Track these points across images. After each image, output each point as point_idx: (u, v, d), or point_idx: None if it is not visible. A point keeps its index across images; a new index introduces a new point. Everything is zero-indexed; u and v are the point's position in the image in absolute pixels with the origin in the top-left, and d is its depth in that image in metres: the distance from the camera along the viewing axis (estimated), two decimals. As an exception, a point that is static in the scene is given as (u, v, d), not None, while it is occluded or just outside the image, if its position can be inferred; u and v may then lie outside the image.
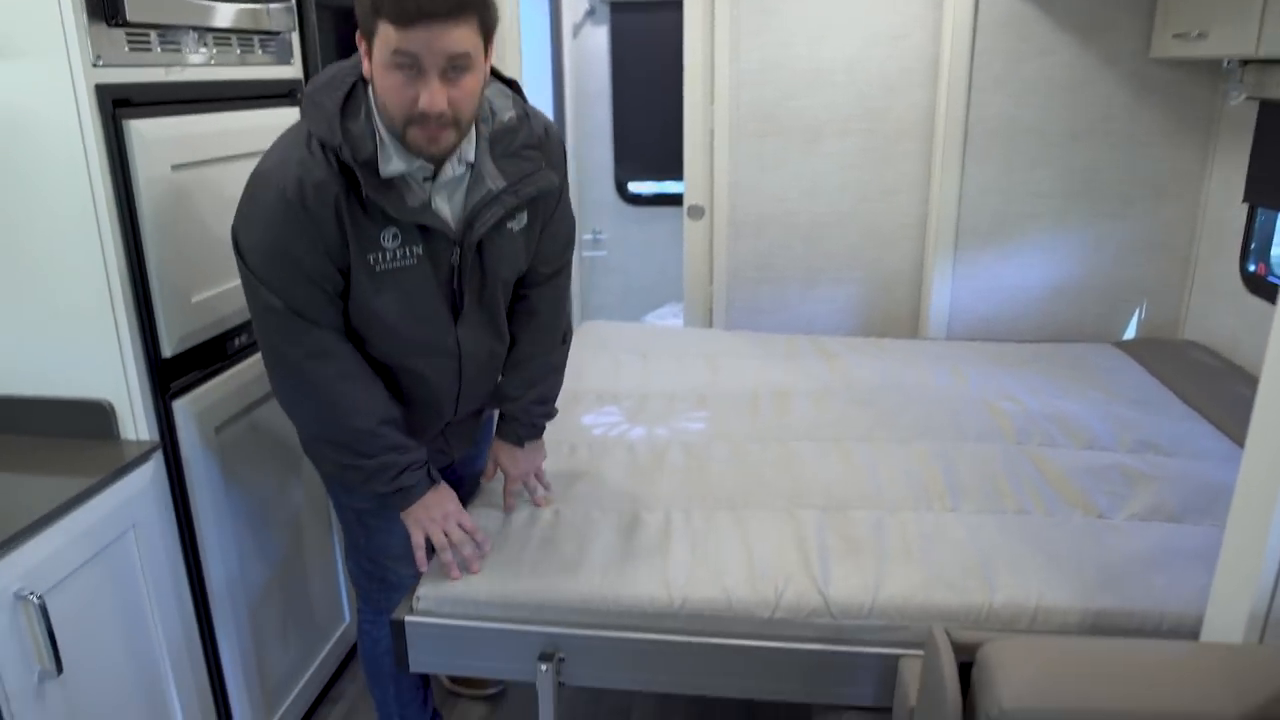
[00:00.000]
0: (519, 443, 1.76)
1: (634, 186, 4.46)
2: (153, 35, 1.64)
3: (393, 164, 1.39)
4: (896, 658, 1.46)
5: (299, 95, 1.77)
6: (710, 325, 3.21)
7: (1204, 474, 1.86)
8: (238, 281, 1.83)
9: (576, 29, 4.23)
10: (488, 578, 1.58)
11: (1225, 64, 2.64)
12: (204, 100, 1.78)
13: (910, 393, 2.30)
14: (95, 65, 1.50)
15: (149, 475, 1.65)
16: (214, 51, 1.80)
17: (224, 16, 1.80)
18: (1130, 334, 2.99)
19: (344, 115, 1.38)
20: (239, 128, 1.83)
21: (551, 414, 1.80)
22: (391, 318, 1.48)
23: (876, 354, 2.62)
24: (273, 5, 1.96)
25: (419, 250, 1.46)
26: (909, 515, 1.71)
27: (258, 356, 1.93)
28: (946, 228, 2.91)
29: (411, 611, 1.59)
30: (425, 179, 1.44)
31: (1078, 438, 2.03)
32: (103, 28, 1.51)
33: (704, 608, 1.51)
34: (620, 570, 1.58)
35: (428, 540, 1.61)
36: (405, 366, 1.58)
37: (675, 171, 3.18)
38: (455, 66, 1.29)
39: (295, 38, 2.08)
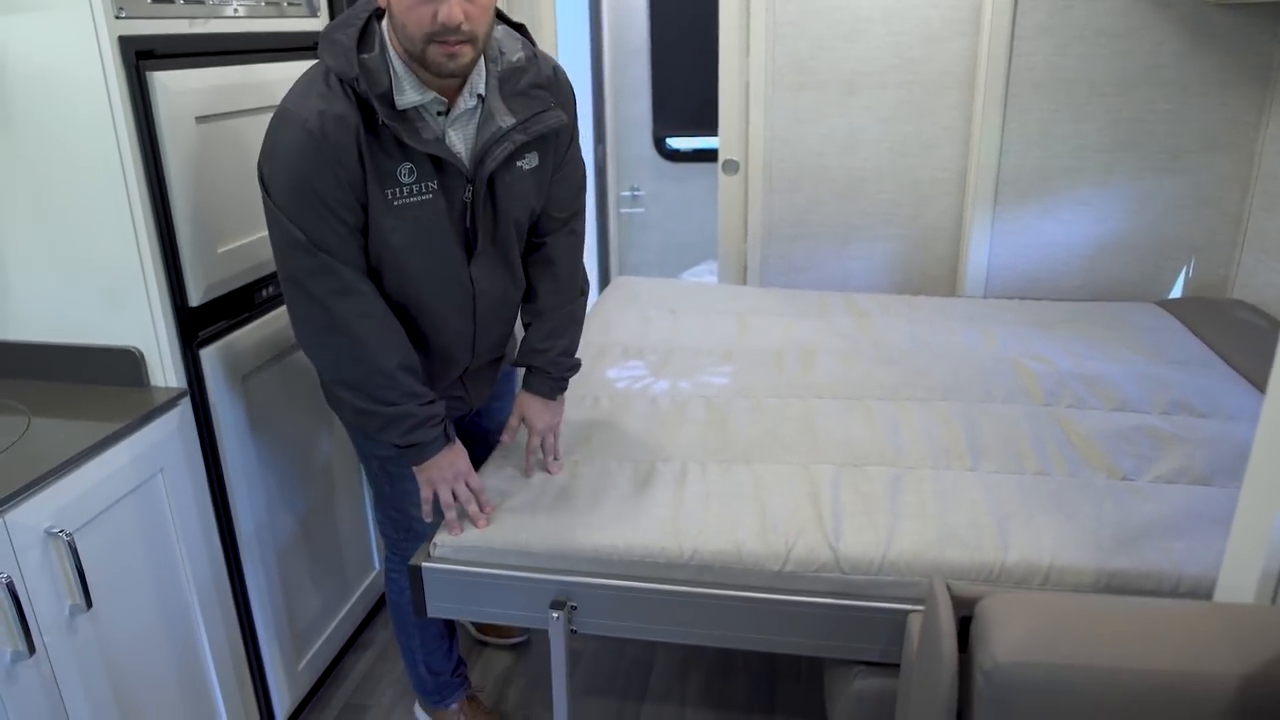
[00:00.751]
0: (550, 395, 1.77)
1: (673, 142, 4.42)
2: (175, -14, 1.65)
3: (407, 95, 1.43)
4: (906, 613, 1.46)
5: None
6: (745, 282, 3.18)
7: (1237, 436, 1.80)
8: (264, 233, 1.87)
9: (615, -19, 4.17)
10: (502, 526, 1.60)
11: (1285, 8, 2.52)
12: (228, 53, 1.79)
13: (938, 352, 2.26)
14: (118, 17, 1.51)
15: (177, 421, 1.70)
16: (238, 4, 1.81)
17: (247, -33, 1.81)
18: (1177, 293, 2.90)
19: (359, 50, 1.42)
20: (264, 80, 1.85)
21: (577, 366, 1.81)
22: (407, 252, 1.51)
23: (908, 312, 2.58)
24: (298, -43, 1.96)
25: (433, 185, 1.49)
26: (927, 474, 1.69)
27: (284, 307, 1.96)
28: (986, 182, 2.84)
29: (429, 558, 1.62)
30: (439, 113, 1.48)
31: (1109, 399, 1.98)
32: (125, -21, 1.53)
33: (714, 559, 1.51)
34: (633, 520, 1.59)
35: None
36: (421, 306, 1.59)
37: (714, 127, 3.14)
38: None
39: (321, -9, 2.08)
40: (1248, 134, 2.72)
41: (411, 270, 1.54)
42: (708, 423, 1.92)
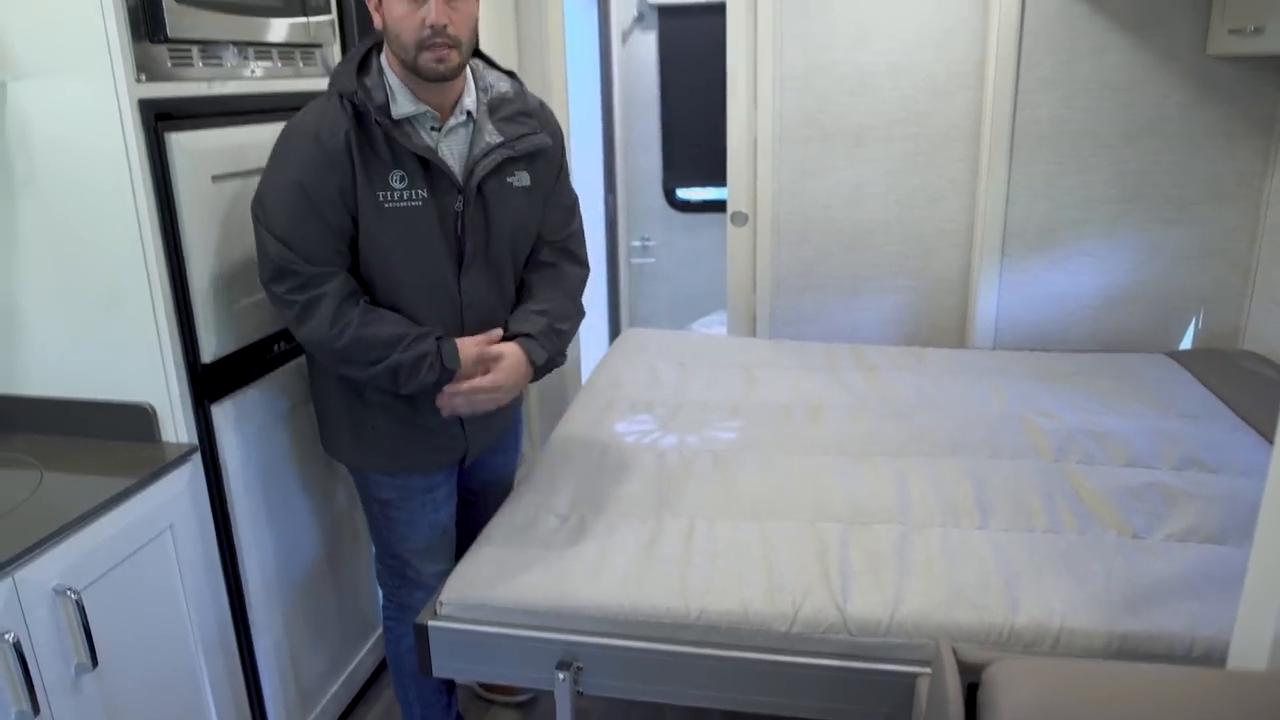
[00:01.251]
0: (526, 350, 1.69)
1: (682, 193, 4.46)
2: (194, 51, 1.68)
3: (401, 107, 1.58)
4: (915, 676, 1.44)
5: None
6: (754, 333, 3.19)
7: (1249, 492, 1.79)
8: (277, 289, 1.89)
9: (625, 35, 4.24)
10: (508, 582, 1.60)
11: (1286, 62, 2.54)
12: (244, 112, 1.83)
13: (946, 408, 2.26)
14: (139, 81, 1.55)
15: (187, 477, 1.70)
16: (255, 65, 1.84)
17: (266, 31, 1.84)
18: (1187, 344, 2.89)
19: (360, 74, 1.58)
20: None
21: (558, 357, 1.76)
22: (397, 255, 1.60)
23: (916, 366, 2.58)
24: (315, 19, 2.00)
25: (423, 193, 1.59)
26: (935, 531, 1.68)
27: (295, 362, 1.98)
28: (993, 234, 2.85)
29: (435, 616, 1.61)
30: (433, 128, 1.61)
31: (1118, 454, 1.97)
32: (146, 45, 1.56)
33: (721, 620, 1.50)
34: (640, 579, 1.58)
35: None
36: (411, 318, 1.64)
37: (723, 178, 3.18)
38: None
39: (335, 49, 2.12)
40: (1253, 185, 2.74)
41: (401, 278, 1.62)
42: (715, 478, 1.92)
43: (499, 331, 1.71)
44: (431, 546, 1.83)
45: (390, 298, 1.63)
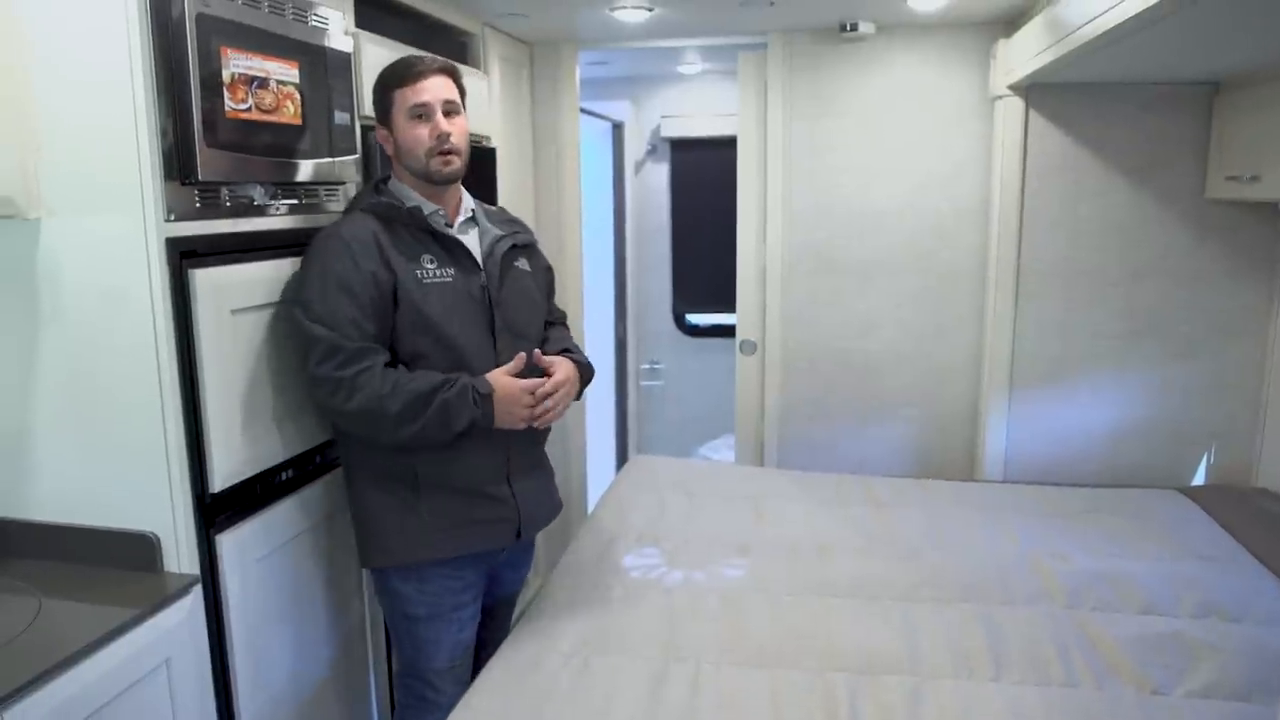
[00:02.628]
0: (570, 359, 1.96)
1: (691, 318, 4.52)
2: (223, 191, 1.73)
3: (417, 206, 1.84)
4: (930, 841, 1.38)
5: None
6: (762, 461, 3.18)
7: (1273, 642, 1.74)
8: (289, 419, 1.90)
9: (638, 166, 4.39)
10: (510, 729, 1.56)
11: (1281, 206, 2.60)
12: (267, 247, 1.87)
13: (956, 548, 2.22)
14: (167, 220, 1.59)
15: (187, 609, 1.67)
16: (281, 203, 1.89)
17: (294, 172, 1.90)
18: (1200, 479, 2.86)
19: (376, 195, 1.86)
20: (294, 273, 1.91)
21: (590, 368, 2.04)
22: (439, 317, 1.79)
23: (925, 499, 2.56)
24: (340, 159, 2.06)
25: (451, 272, 1.83)
26: (947, 684, 1.64)
27: (303, 490, 1.97)
28: (1000, 369, 2.87)
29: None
30: (445, 225, 1.86)
31: (1134, 601, 1.93)
32: (176, 186, 1.61)
33: (727, 776, 1.45)
34: (644, 729, 1.54)
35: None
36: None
37: (731, 304, 3.23)
38: (449, 111, 1.82)
39: (359, 185, 2.18)
40: (1260, 321, 2.76)
41: (444, 334, 1.79)
42: (723, 619, 1.89)
43: (523, 355, 1.84)
44: (455, 667, 1.91)
45: (444, 363, 1.78)
